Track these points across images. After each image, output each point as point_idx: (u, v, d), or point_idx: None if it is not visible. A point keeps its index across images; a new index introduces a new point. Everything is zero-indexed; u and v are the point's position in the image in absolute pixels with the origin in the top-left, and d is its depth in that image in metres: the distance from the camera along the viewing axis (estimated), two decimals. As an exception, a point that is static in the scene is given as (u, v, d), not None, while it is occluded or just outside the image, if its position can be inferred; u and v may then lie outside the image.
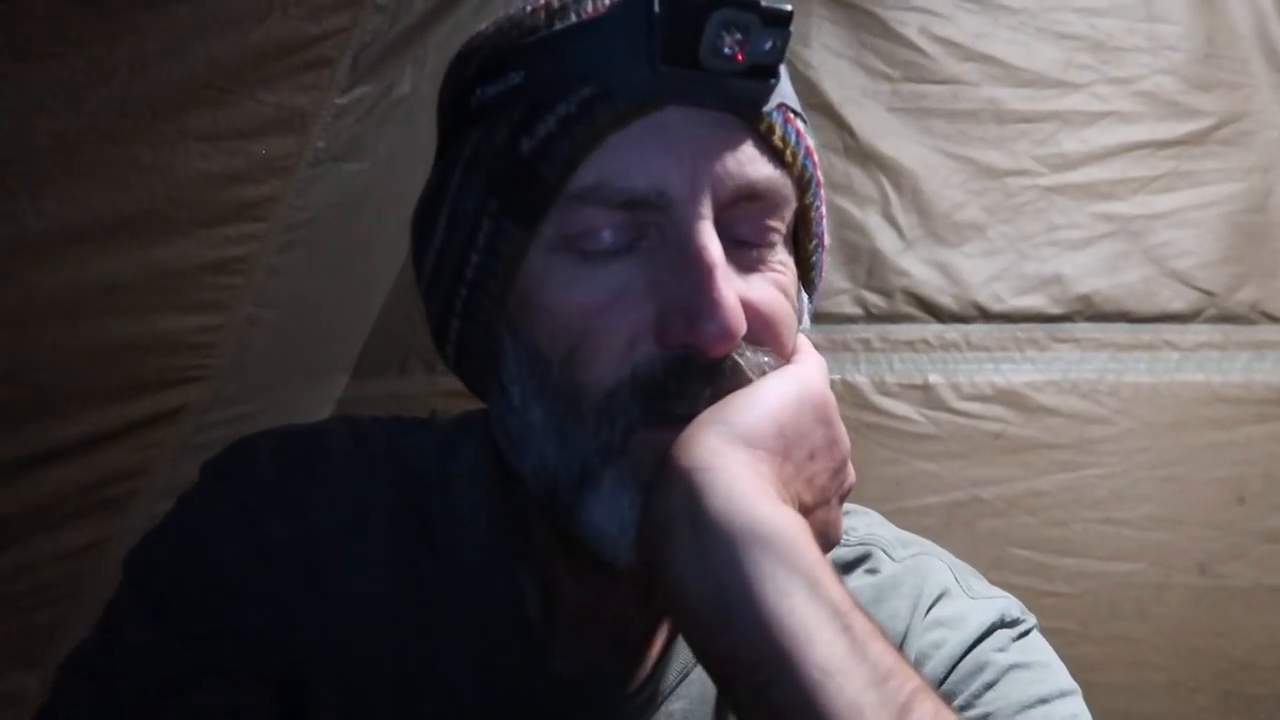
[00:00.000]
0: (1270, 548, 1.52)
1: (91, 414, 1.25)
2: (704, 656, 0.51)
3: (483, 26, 0.65)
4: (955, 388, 1.56)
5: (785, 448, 0.56)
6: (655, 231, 0.58)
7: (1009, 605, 0.73)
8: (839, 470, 0.61)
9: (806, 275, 0.69)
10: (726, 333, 0.55)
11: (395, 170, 1.41)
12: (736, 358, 0.58)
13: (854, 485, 0.63)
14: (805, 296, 0.70)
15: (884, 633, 0.50)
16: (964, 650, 0.69)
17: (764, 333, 0.60)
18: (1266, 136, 1.52)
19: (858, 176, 1.57)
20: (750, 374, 0.58)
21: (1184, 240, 1.53)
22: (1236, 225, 1.53)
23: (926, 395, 1.56)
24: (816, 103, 1.56)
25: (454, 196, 0.63)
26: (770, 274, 0.62)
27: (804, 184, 0.64)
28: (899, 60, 1.56)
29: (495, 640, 0.69)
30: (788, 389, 0.59)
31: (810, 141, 0.65)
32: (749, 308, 0.59)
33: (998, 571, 1.52)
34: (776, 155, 0.61)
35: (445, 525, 0.71)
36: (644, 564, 0.55)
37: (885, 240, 1.57)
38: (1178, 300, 1.54)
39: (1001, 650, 0.68)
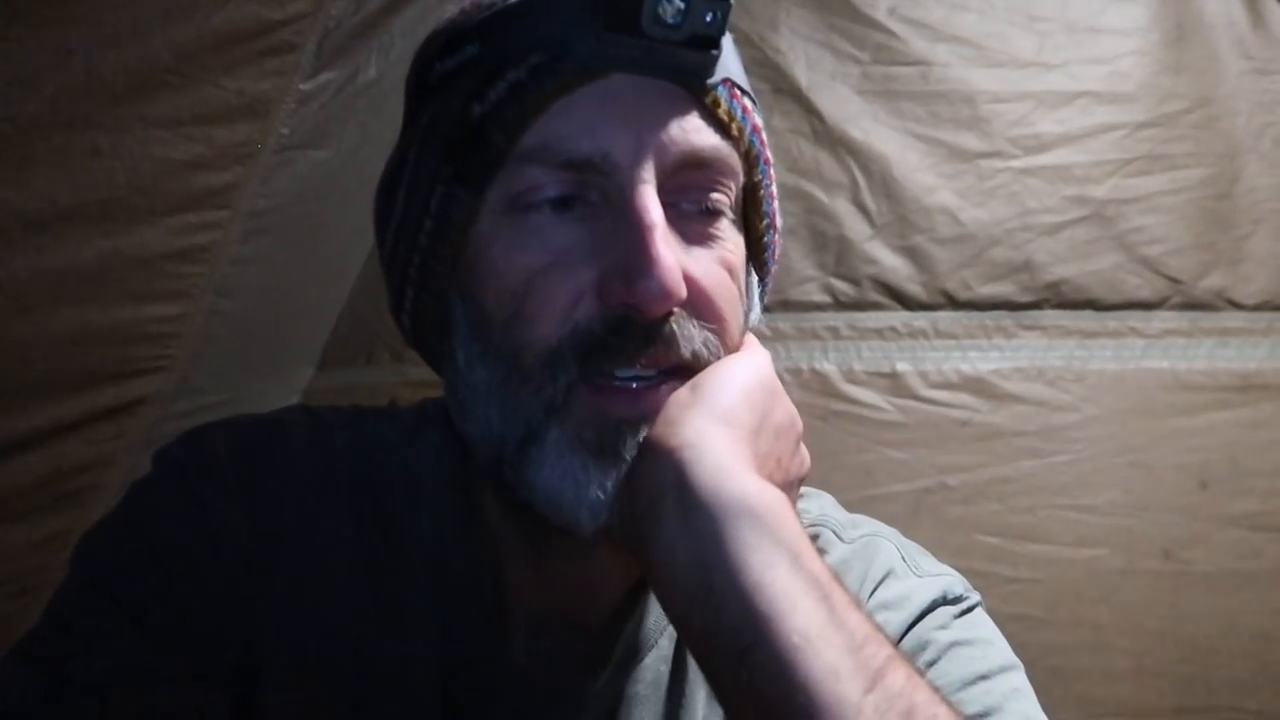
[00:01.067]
0: (1233, 533, 1.53)
1: (50, 405, 1.23)
2: (684, 626, 0.53)
3: (449, 11, 0.66)
4: (923, 376, 1.56)
5: (757, 426, 0.59)
6: (599, 195, 0.60)
7: (952, 582, 0.74)
8: (796, 450, 0.64)
9: (759, 256, 0.70)
10: (664, 291, 0.57)
11: (361, 158, 1.39)
12: (674, 326, 0.60)
13: (809, 467, 0.65)
14: (756, 278, 0.71)
15: (861, 604, 0.52)
16: (905, 629, 0.70)
17: (707, 306, 0.62)
18: (1233, 123, 1.52)
19: (826, 162, 1.56)
20: (683, 346, 0.60)
21: (1154, 226, 1.53)
22: (1205, 211, 1.53)
23: (894, 383, 1.57)
24: (785, 87, 1.55)
25: (412, 169, 0.65)
26: (716, 249, 0.63)
27: (751, 160, 0.66)
28: (868, 42, 1.55)
29: (455, 628, 0.69)
30: (750, 371, 0.61)
31: (758, 119, 0.66)
32: (692, 280, 0.60)
33: (964, 558, 1.53)
34: (722, 128, 0.63)
35: (406, 515, 0.71)
36: (627, 538, 0.57)
37: (854, 227, 1.56)
38: (1145, 288, 1.54)
39: (943, 628, 0.70)
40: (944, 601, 0.72)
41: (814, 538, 0.75)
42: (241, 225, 1.32)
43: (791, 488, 0.62)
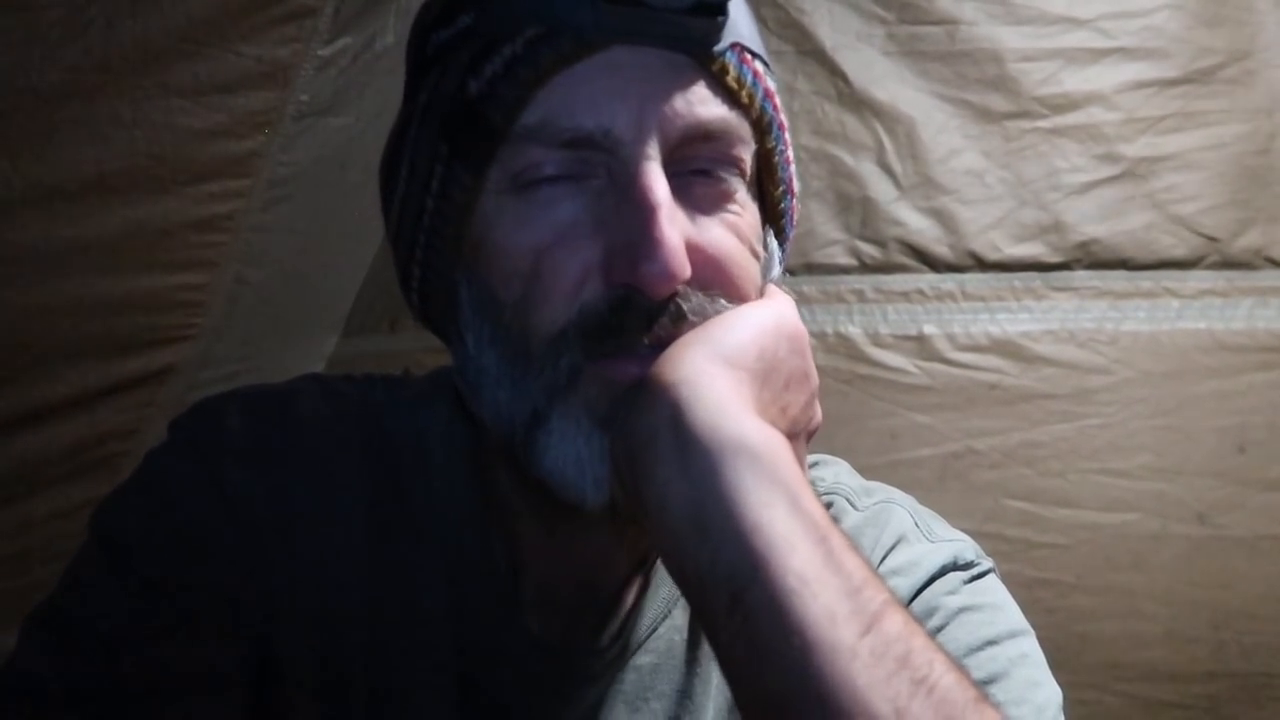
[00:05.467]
0: (1271, 497, 1.50)
1: (79, 374, 1.25)
2: (679, 567, 0.52)
3: None
4: (950, 338, 1.54)
5: (765, 371, 0.57)
6: (603, 171, 0.59)
7: (963, 548, 0.73)
8: (809, 404, 0.61)
9: (777, 223, 0.69)
10: (667, 273, 0.55)
11: (381, 123, 1.36)
12: (680, 301, 0.58)
13: (820, 424, 0.63)
14: (775, 245, 0.69)
15: (858, 548, 0.50)
16: (913, 593, 0.69)
17: (716, 276, 0.60)
18: (1272, 76, 1.47)
19: (851, 123, 1.54)
20: (690, 319, 0.58)
21: (1188, 184, 1.49)
22: (1242, 168, 1.49)
23: (921, 346, 1.54)
24: (809, 48, 1.52)
25: (413, 145, 0.64)
26: (726, 216, 0.62)
27: (764, 127, 0.64)
28: (894, 1, 1.52)
29: (469, 598, 0.69)
30: (766, 317, 0.59)
31: (770, 84, 0.64)
32: (699, 250, 0.59)
33: (993, 523, 1.52)
34: (731, 96, 0.61)
35: (418, 483, 0.71)
36: (621, 479, 0.56)
37: (880, 189, 1.54)
38: (1180, 247, 1.50)
39: (952, 593, 0.69)
40: (954, 567, 0.71)
41: (828, 505, 0.75)
42: (263, 193, 1.32)
43: (798, 439, 0.60)
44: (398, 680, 0.68)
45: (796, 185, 0.71)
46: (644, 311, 0.57)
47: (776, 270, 0.69)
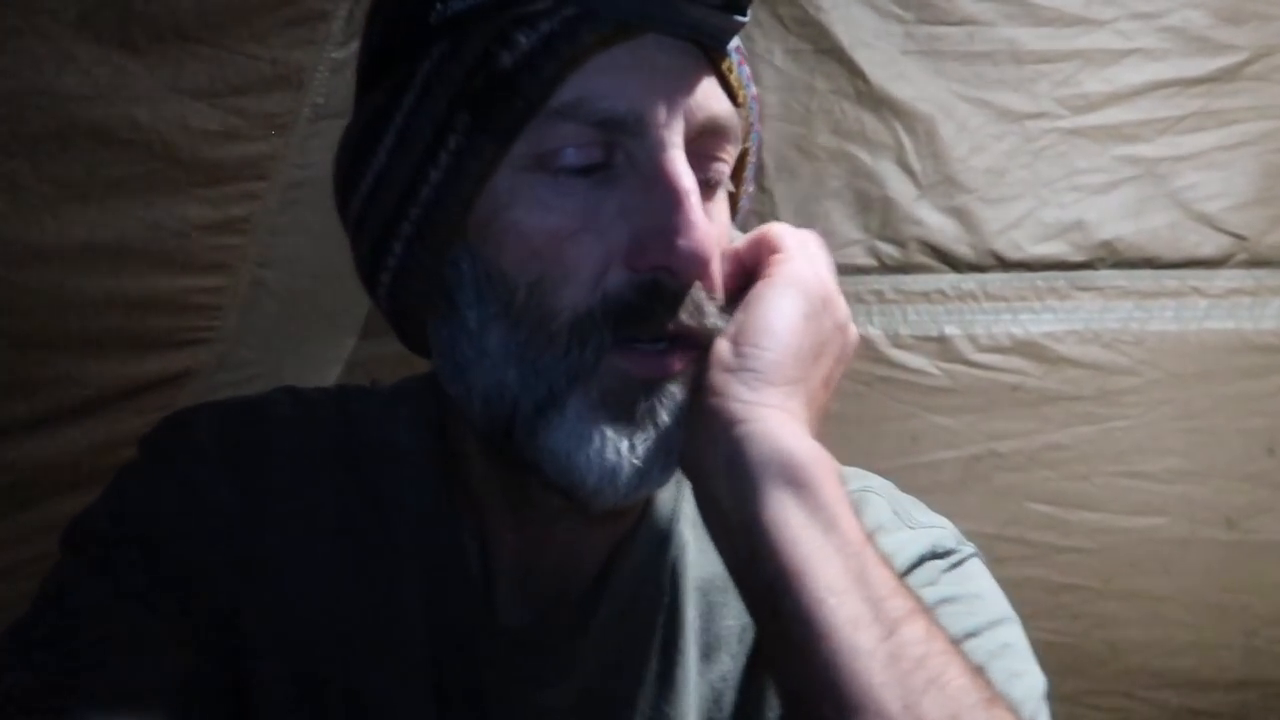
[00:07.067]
0: (1302, 501, 1.48)
1: (96, 377, 1.25)
2: (736, 579, 0.59)
3: None
4: (972, 339, 1.52)
5: (804, 370, 0.61)
6: (624, 157, 0.59)
7: (943, 535, 0.73)
8: (844, 347, 0.65)
9: (732, 216, 0.71)
10: (699, 254, 0.57)
11: (397, 125, 1.38)
12: (699, 293, 0.60)
13: (857, 341, 0.68)
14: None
15: (889, 561, 0.56)
16: None
17: (705, 279, 0.62)
18: (1300, 71, 1.45)
19: (870, 123, 1.51)
20: (707, 316, 0.61)
21: (1212, 182, 1.47)
22: (1269, 165, 1.46)
23: (942, 348, 1.52)
24: (827, 47, 1.50)
25: (407, 115, 0.62)
26: (715, 221, 0.63)
27: (748, 128, 0.67)
28: (912, 1, 1.50)
29: (442, 595, 0.70)
30: (793, 308, 0.61)
31: (755, 89, 0.67)
32: None
33: (1016, 527, 1.50)
34: (732, 94, 0.63)
35: (389, 487, 0.72)
36: (699, 501, 0.62)
37: (899, 188, 1.51)
38: (1206, 245, 1.48)
39: (931, 584, 0.69)
40: (932, 555, 0.71)
41: None
42: (279, 195, 1.32)
43: (831, 386, 0.65)
44: (374, 680, 0.69)
45: (751, 187, 0.74)
46: (671, 296, 0.59)
47: None
